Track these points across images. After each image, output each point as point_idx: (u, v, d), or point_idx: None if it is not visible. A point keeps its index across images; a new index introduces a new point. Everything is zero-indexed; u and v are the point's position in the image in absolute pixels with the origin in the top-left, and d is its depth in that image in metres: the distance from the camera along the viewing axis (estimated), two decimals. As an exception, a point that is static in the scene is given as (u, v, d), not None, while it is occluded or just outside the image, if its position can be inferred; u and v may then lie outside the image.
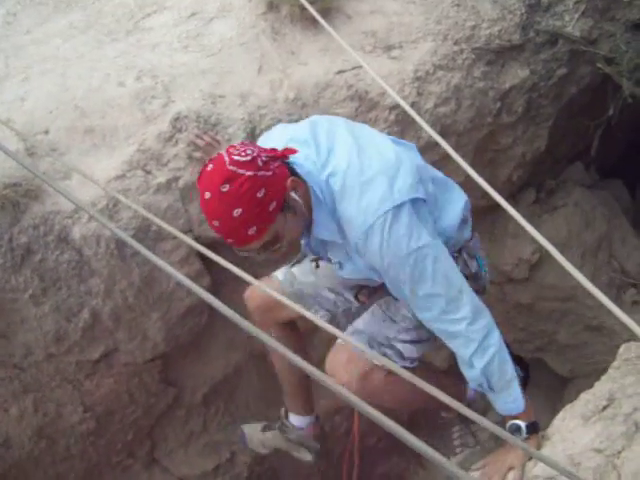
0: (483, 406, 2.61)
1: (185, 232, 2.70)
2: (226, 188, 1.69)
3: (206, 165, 1.78)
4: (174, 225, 2.62)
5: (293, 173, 1.86)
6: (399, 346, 2.27)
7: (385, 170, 1.90)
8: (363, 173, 1.89)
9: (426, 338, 2.26)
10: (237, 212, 1.70)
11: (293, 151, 1.88)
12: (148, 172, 2.69)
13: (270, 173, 1.75)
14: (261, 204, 1.73)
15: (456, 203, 2.20)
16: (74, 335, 2.68)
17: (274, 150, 1.85)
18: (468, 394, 2.58)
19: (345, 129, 2.04)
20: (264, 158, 1.76)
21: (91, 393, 2.91)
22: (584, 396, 1.83)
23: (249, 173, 1.70)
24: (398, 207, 1.84)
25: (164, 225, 1.83)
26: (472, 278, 2.25)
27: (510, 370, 1.96)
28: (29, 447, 2.85)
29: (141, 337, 2.85)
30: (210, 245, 1.89)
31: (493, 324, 1.96)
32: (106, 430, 3.08)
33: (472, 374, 1.97)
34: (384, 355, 2.23)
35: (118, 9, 3.27)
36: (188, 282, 1.43)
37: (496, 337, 1.94)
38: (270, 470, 3.68)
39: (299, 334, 2.81)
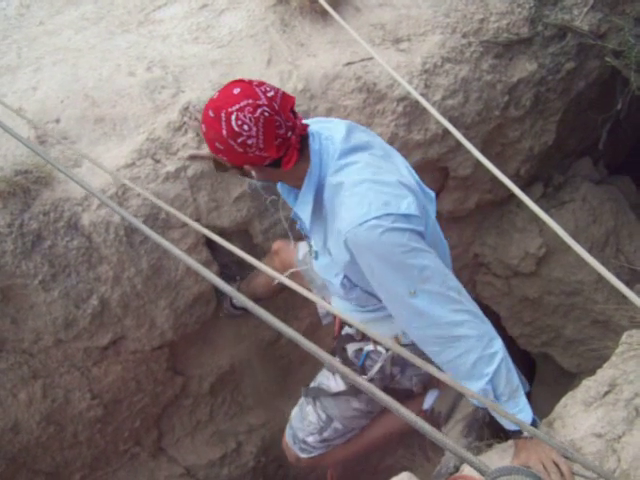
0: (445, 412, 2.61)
1: (194, 221, 2.72)
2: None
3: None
4: (182, 214, 2.64)
5: (302, 145, 1.87)
6: (311, 443, 2.64)
7: (399, 187, 1.86)
8: (377, 175, 1.85)
9: (333, 437, 2.60)
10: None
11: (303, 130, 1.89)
12: (157, 161, 2.71)
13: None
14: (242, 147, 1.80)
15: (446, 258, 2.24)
16: (83, 321, 2.70)
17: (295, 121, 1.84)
18: (425, 405, 2.59)
19: (380, 145, 2.04)
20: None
21: (99, 380, 2.95)
22: (586, 382, 1.84)
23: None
24: (403, 215, 1.78)
25: (175, 212, 1.86)
26: None
27: (516, 379, 1.82)
28: (37, 432, 2.88)
29: (149, 325, 2.88)
30: (219, 234, 1.91)
31: (495, 332, 1.83)
32: (113, 417, 3.11)
33: (477, 385, 1.79)
34: (302, 449, 2.68)
35: (129, 1, 3.30)
36: (199, 267, 1.46)
37: (500, 344, 1.81)
38: (276, 460, 3.71)
39: None
